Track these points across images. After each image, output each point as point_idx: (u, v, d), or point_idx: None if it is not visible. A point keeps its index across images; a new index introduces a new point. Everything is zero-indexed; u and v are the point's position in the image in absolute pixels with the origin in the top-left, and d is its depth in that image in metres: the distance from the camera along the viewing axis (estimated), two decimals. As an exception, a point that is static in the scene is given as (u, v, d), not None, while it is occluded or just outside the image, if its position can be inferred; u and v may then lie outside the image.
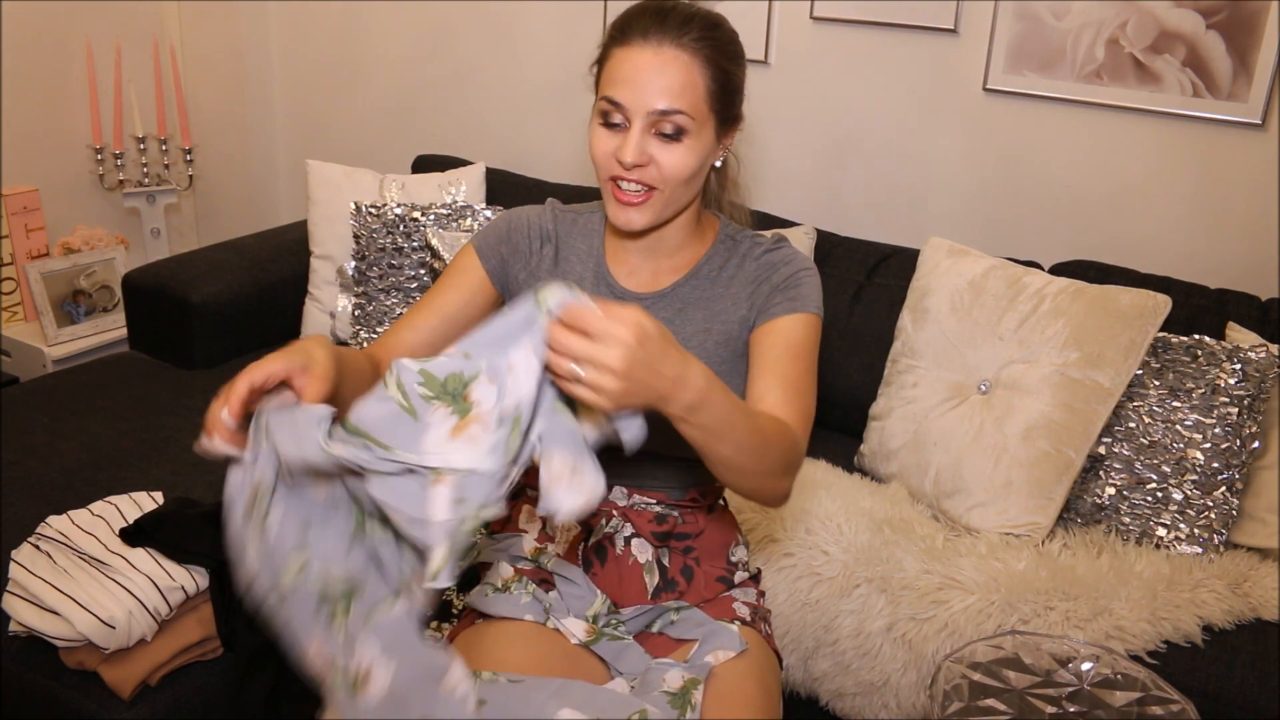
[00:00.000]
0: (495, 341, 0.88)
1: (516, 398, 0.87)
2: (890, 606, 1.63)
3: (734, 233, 1.32)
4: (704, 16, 1.17)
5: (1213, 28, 1.97)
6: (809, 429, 1.19)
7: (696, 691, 1.12)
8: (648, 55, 1.14)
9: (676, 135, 1.15)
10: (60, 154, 2.98)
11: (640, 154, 1.15)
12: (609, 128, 1.17)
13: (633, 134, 1.15)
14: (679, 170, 1.16)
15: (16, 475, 1.82)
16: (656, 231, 1.27)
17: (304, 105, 3.20)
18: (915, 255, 2.11)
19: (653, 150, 1.16)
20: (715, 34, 1.17)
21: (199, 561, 1.45)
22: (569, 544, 1.30)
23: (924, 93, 2.29)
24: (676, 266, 1.30)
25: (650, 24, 1.14)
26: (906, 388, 1.96)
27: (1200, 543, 1.75)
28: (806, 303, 1.24)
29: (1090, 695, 1.30)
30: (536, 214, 1.34)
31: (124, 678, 1.38)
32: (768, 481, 1.10)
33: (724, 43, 1.18)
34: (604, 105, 1.17)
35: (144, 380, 2.25)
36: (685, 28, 1.14)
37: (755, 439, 1.03)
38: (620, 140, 1.16)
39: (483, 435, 0.86)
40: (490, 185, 2.57)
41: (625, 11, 1.19)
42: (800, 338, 1.23)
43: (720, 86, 1.17)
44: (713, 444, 1.00)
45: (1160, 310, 1.81)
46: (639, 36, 1.14)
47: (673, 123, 1.15)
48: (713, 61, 1.16)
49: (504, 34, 2.78)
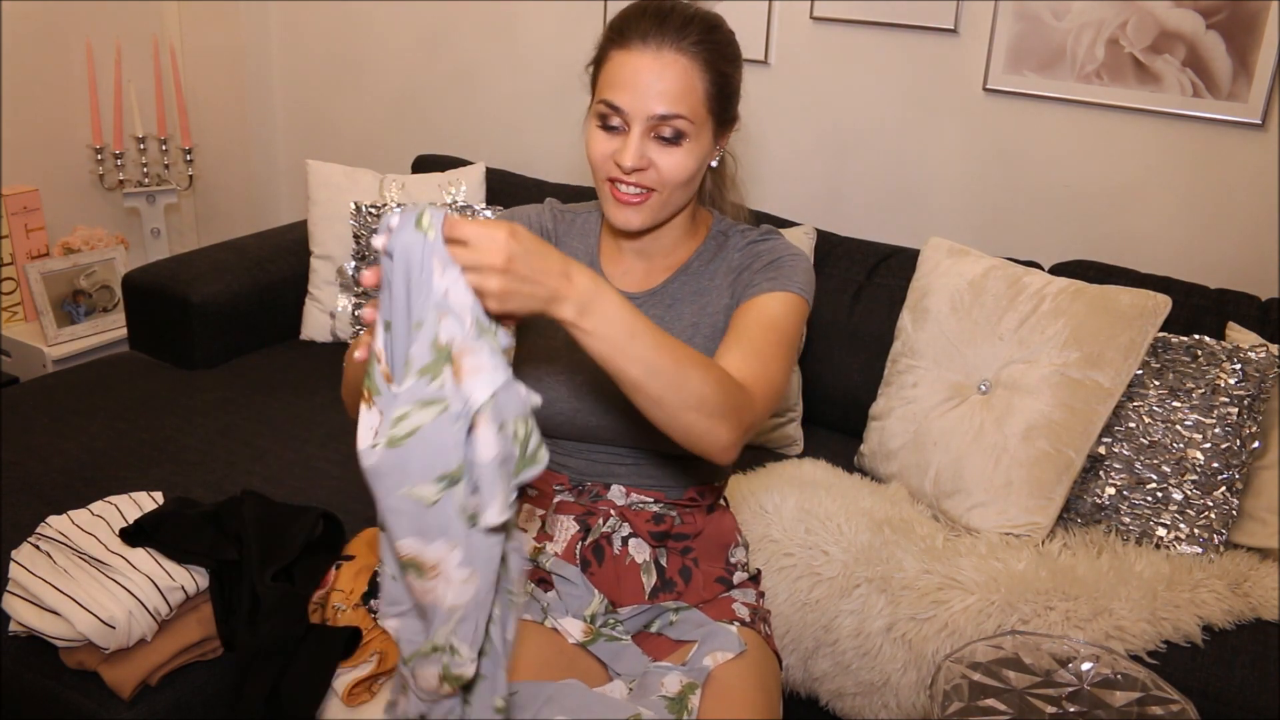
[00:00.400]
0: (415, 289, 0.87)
1: (468, 307, 0.87)
2: (890, 606, 1.63)
3: (726, 228, 1.33)
4: (703, 19, 1.17)
5: (1213, 28, 1.97)
6: (770, 398, 1.12)
7: (694, 696, 1.12)
8: (647, 59, 1.13)
9: (676, 139, 1.16)
10: (60, 154, 2.98)
11: (640, 158, 1.15)
12: (607, 130, 1.17)
13: (632, 138, 1.15)
14: (678, 173, 1.17)
15: (16, 475, 1.82)
16: (652, 232, 1.27)
17: (304, 105, 3.20)
18: (915, 255, 2.11)
19: (652, 154, 1.16)
20: (714, 36, 1.17)
21: (199, 561, 1.45)
22: (567, 544, 1.30)
23: (924, 93, 2.29)
24: (669, 265, 1.31)
25: (650, 27, 1.14)
26: (906, 388, 1.96)
27: (1200, 543, 1.75)
28: (788, 282, 1.21)
29: (1090, 695, 1.30)
30: (536, 212, 1.35)
31: (124, 678, 1.38)
32: (695, 419, 1.01)
33: (722, 45, 1.18)
34: (602, 108, 1.17)
35: (144, 380, 2.25)
36: (684, 31, 1.14)
37: (667, 360, 0.97)
38: (619, 143, 1.16)
39: (477, 356, 0.86)
40: (490, 185, 2.57)
41: (623, 12, 1.19)
42: (776, 312, 1.19)
43: (719, 89, 1.17)
44: (620, 361, 0.95)
45: (1160, 310, 1.81)
46: (638, 39, 1.14)
47: (672, 127, 1.15)
48: (711, 65, 1.16)
49: (504, 34, 2.78)
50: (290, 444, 2.00)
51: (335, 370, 2.35)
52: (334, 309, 2.46)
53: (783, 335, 1.18)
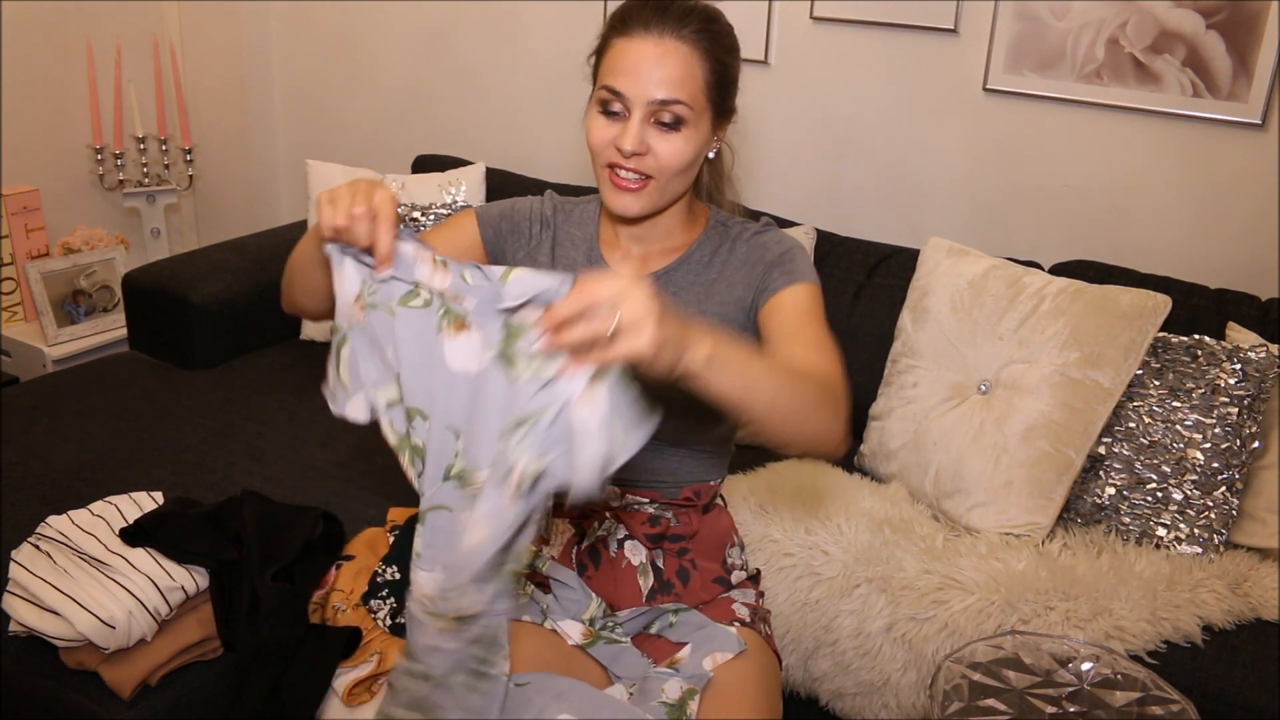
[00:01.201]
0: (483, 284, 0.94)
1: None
2: (890, 606, 1.63)
3: (724, 219, 1.34)
4: (702, 10, 1.20)
5: (1213, 28, 1.97)
6: (844, 380, 1.15)
7: (693, 702, 1.12)
8: (649, 46, 1.16)
9: (675, 125, 1.18)
10: (60, 154, 2.98)
11: (639, 143, 1.17)
12: (608, 116, 1.20)
13: (633, 123, 1.17)
14: (676, 159, 1.19)
15: (16, 475, 1.82)
16: (650, 219, 1.29)
17: (304, 105, 3.20)
18: (915, 255, 2.11)
19: (651, 139, 1.18)
20: (713, 27, 1.20)
21: (199, 561, 1.45)
22: (563, 547, 1.30)
23: (924, 93, 2.29)
24: (667, 251, 1.32)
25: (651, 16, 1.17)
26: (906, 388, 1.96)
27: (1200, 543, 1.75)
28: (803, 274, 1.25)
29: (1090, 695, 1.30)
30: (537, 201, 1.38)
31: (124, 677, 1.38)
32: (820, 420, 1.03)
33: (721, 35, 1.21)
34: (604, 94, 1.19)
35: (144, 380, 2.25)
36: (685, 20, 1.17)
37: (785, 375, 1.00)
38: (619, 129, 1.18)
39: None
40: (490, 185, 2.57)
41: (624, 5, 1.21)
42: (808, 304, 1.23)
43: (718, 78, 1.20)
44: (749, 390, 0.95)
45: (1160, 310, 1.81)
46: (640, 28, 1.17)
47: (672, 112, 1.17)
48: (711, 54, 1.18)
49: (504, 34, 2.78)
50: (290, 444, 2.00)
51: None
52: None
53: (823, 322, 1.22)
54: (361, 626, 1.42)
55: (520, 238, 1.34)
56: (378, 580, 1.45)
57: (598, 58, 1.23)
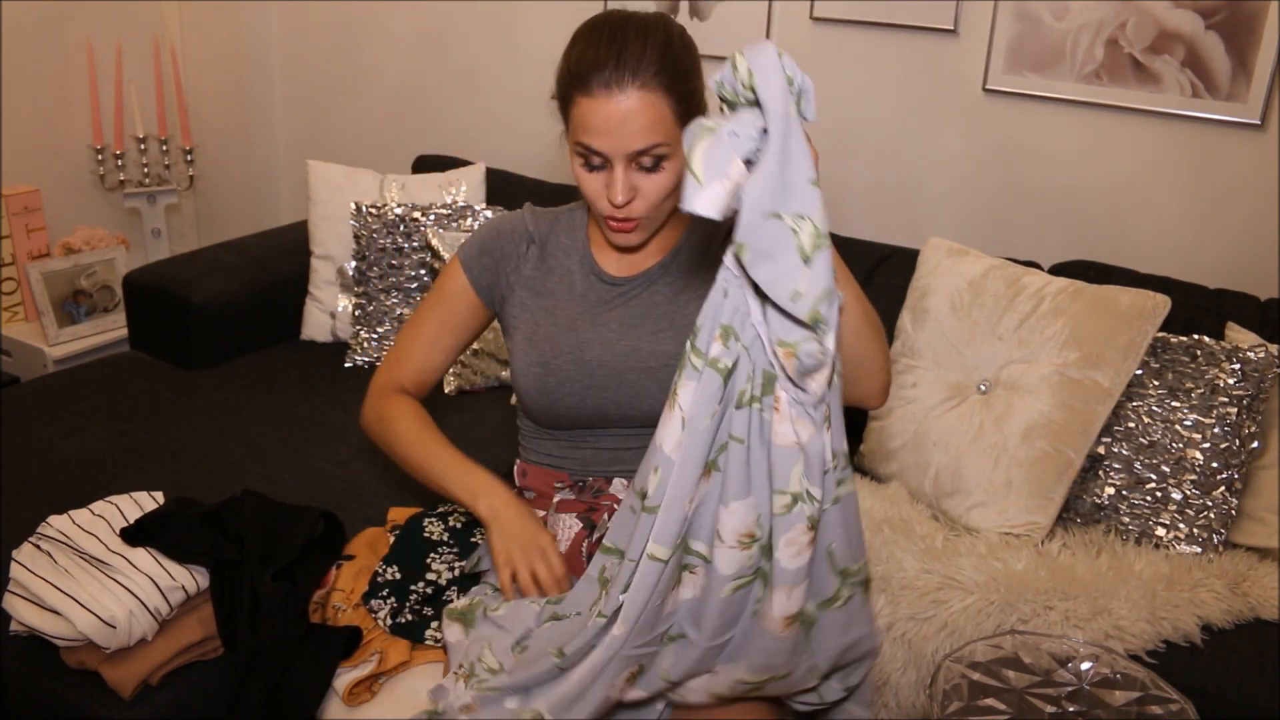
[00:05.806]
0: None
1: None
2: (890, 606, 1.63)
3: None
4: (656, 40, 1.19)
5: (1212, 28, 1.97)
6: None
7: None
8: (615, 105, 1.17)
9: (656, 165, 1.21)
10: (61, 154, 2.98)
11: (628, 190, 1.21)
12: (592, 170, 1.23)
13: (617, 175, 1.20)
14: (662, 191, 1.23)
15: (16, 475, 1.82)
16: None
17: (304, 105, 3.20)
18: (915, 255, 2.11)
19: (636, 181, 1.22)
20: (669, 54, 1.19)
21: (199, 561, 1.45)
22: (571, 542, 1.31)
23: (923, 93, 2.30)
24: (659, 248, 1.36)
25: (610, 71, 1.17)
26: (906, 388, 1.97)
27: (1199, 542, 1.75)
28: None
29: (1090, 695, 1.31)
30: (516, 218, 1.40)
31: (125, 677, 1.38)
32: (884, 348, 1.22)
33: (679, 60, 1.21)
34: (582, 149, 1.22)
35: (144, 380, 2.25)
36: (642, 62, 1.17)
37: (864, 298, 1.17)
38: (606, 177, 1.22)
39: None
40: (490, 185, 2.57)
41: (579, 56, 1.21)
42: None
43: (685, 105, 1.21)
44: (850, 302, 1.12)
45: (1159, 310, 1.81)
46: (601, 87, 1.17)
47: (651, 156, 1.20)
48: (674, 87, 1.20)
49: (504, 34, 2.78)
50: (290, 444, 2.00)
51: (335, 370, 2.35)
52: (334, 309, 2.46)
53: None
54: (362, 626, 1.42)
55: (509, 260, 1.37)
56: (378, 580, 1.45)
57: (563, 106, 1.24)
